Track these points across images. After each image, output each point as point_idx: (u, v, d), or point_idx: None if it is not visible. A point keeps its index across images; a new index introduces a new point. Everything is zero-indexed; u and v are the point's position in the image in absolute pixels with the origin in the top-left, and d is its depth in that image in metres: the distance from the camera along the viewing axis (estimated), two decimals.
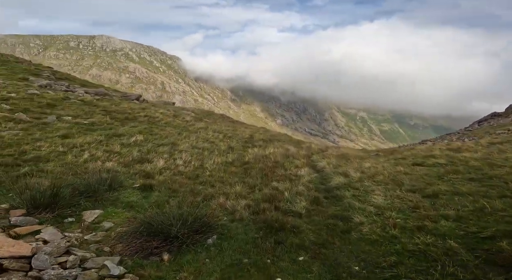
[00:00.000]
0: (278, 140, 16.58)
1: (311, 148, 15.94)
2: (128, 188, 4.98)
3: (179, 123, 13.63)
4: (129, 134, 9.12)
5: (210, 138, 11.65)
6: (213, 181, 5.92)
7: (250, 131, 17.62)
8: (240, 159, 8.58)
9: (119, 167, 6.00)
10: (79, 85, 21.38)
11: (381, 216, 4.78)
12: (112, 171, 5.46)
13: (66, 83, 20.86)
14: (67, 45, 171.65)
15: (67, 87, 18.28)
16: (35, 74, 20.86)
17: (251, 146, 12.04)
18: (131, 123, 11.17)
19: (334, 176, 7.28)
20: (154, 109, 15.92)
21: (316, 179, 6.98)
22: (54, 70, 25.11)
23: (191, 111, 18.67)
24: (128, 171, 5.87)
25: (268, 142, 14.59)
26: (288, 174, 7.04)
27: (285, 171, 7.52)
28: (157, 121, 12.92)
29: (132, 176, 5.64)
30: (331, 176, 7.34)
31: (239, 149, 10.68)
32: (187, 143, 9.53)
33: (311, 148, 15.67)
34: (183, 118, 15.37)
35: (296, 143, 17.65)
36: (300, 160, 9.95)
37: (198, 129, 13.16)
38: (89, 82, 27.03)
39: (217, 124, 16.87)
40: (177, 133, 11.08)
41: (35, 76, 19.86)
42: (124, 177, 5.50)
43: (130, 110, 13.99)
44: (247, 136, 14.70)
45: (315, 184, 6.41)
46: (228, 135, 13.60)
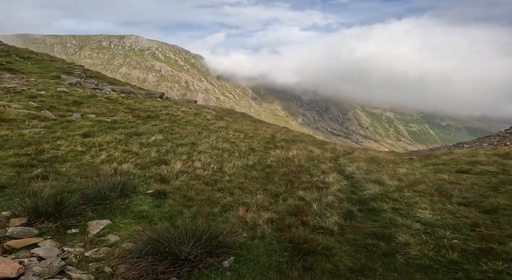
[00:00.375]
0: (301, 141, 15.85)
1: (336, 150, 15.03)
2: (141, 195, 4.60)
3: (200, 122, 13.35)
4: (150, 133, 8.90)
5: (231, 138, 11.21)
6: (233, 188, 5.41)
7: (271, 130, 17.02)
8: (261, 162, 8.03)
9: (135, 170, 5.67)
10: (107, 83, 21.97)
11: (432, 235, 4.00)
12: (126, 174, 5.13)
13: (96, 81, 21.52)
14: (99, 45, 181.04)
15: (96, 85, 18.77)
16: (68, 72, 21.72)
17: (273, 147, 11.45)
18: (152, 121, 11.01)
19: (367, 184, 6.50)
20: (176, 107, 15.82)
21: (347, 188, 6.24)
22: (85, 68, 26.09)
23: (212, 110, 18.43)
24: (143, 174, 5.53)
25: (291, 143, 13.92)
26: (314, 181, 6.37)
27: (310, 177, 6.85)
28: (178, 120, 12.72)
29: (147, 180, 5.27)
30: (363, 184, 6.56)
31: (260, 150, 10.13)
32: (206, 143, 9.13)
33: (336, 150, 14.78)
34: (204, 117, 15.11)
35: (319, 144, 16.81)
36: (326, 164, 9.20)
37: (219, 128, 12.79)
38: (116, 80, 27.84)
39: (238, 123, 16.45)
40: (198, 132, 10.76)
41: (67, 74, 20.67)
42: (138, 181, 5.15)
43: (153, 108, 13.94)
44: (268, 136, 14.13)
45: (346, 194, 5.69)
46: (249, 135, 13.11)
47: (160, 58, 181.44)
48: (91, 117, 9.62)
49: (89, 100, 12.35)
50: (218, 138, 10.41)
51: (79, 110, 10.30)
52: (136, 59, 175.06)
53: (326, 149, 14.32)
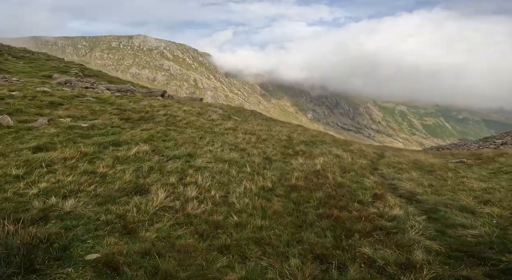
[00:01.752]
0: (321, 142, 13.47)
1: (364, 152, 12.57)
2: (73, 265, 2.41)
3: (203, 123, 11.15)
4: (134, 141, 6.73)
5: (240, 143, 8.95)
6: (245, 242, 3.16)
7: (287, 130, 14.69)
8: (283, 181, 5.73)
9: (88, 207, 3.50)
10: (107, 82, 20.13)
11: None
12: (66, 216, 2.96)
13: (93, 79, 19.70)
14: (109, 46, 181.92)
15: (91, 84, 16.90)
16: (63, 71, 19.99)
17: (292, 153, 9.13)
18: (144, 125, 8.88)
19: (455, 216, 4.10)
20: (178, 106, 13.69)
21: (429, 225, 3.87)
22: (84, 67, 24.39)
23: (218, 108, 16.23)
24: (97, 215, 3.34)
25: (311, 146, 11.56)
26: (372, 216, 4.03)
27: (361, 205, 4.51)
28: (177, 121, 10.56)
29: (99, 229, 3.09)
30: (448, 216, 4.18)
31: (278, 159, 7.82)
32: (209, 153, 6.90)
33: (365, 152, 12.33)
34: (208, 117, 12.91)
35: (342, 144, 14.37)
36: (368, 177, 6.82)
37: (225, 131, 10.55)
38: (119, 79, 26.03)
39: (248, 123, 14.18)
40: (199, 137, 8.54)
41: (62, 73, 18.91)
42: (82, 231, 2.98)
43: (149, 108, 11.84)
44: (284, 138, 11.82)
45: (438, 240, 3.35)
46: (262, 137, 10.83)
47: (169, 57, 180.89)
48: (63, 121, 7.55)
49: (72, 101, 10.34)
50: (224, 145, 8.16)
51: (52, 114, 8.26)
52: (145, 58, 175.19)
53: (354, 152, 11.88)
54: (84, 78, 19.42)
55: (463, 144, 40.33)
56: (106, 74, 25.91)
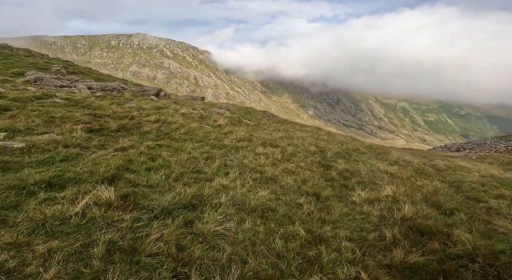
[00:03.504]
0: (356, 151, 10.61)
1: (413, 163, 9.70)
2: None
3: (208, 132, 8.24)
4: (94, 177, 3.84)
5: (264, 164, 6.05)
6: None
7: (309, 136, 11.78)
8: (370, 260, 2.88)
9: None
10: (93, 80, 17.21)
11: None
12: None
13: (77, 77, 16.77)
14: (108, 44, 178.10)
15: (71, 82, 13.99)
16: (43, 68, 17.04)
17: (337, 176, 6.23)
18: (123, 139, 5.97)
19: None
20: (174, 108, 10.77)
21: None
22: (71, 64, 21.43)
23: (224, 109, 13.29)
24: None
25: (351, 160, 8.66)
26: None
27: None
28: (172, 131, 7.65)
29: None
30: None
31: (329, 194, 4.91)
32: (223, 193, 4.00)
33: (415, 165, 9.46)
34: (214, 122, 10.00)
35: (380, 153, 11.49)
36: None
37: (239, 142, 7.66)
38: (111, 77, 23.05)
39: (263, 129, 11.26)
40: (204, 158, 5.64)
41: (40, 71, 15.98)
42: None
43: (137, 112, 8.94)
44: (313, 149, 8.92)
45: None
46: (287, 150, 7.94)
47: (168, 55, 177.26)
48: None
49: (27, 105, 7.42)
50: (244, 171, 5.26)
51: None
52: (145, 57, 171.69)
53: (404, 166, 8.99)
54: (66, 75, 16.49)
55: (483, 143, 37.17)
56: (97, 71, 22.93)
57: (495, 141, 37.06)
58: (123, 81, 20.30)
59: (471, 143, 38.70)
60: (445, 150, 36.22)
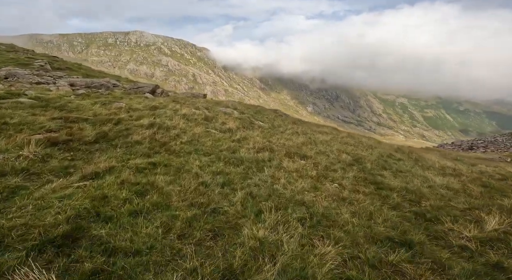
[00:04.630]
0: (391, 157, 8.82)
1: (462, 172, 7.92)
2: None
3: (217, 139, 6.35)
4: None
5: (301, 189, 4.18)
6: None
7: (332, 140, 9.92)
8: None
9: None
10: (82, 76, 15.21)
11: None
12: None
13: (62, 73, 14.77)
14: (105, 42, 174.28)
15: (53, 78, 12.02)
16: (24, 64, 15.00)
17: (401, 200, 4.37)
18: (97, 157, 4.08)
19: None
20: (173, 108, 8.84)
21: None
22: (56, 59, 19.36)
23: (232, 108, 11.36)
24: None
25: (394, 170, 6.86)
26: None
27: None
28: (172, 139, 5.74)
29: None
30: None
31: (419, 241, 3.08)
32: (264, 263, 2.19)
33: (471, 175, 7.68)
34: (222, 124, 8.09)
35: (418, 159, 9.71)
36: None
37: (259, 154, 5.77)
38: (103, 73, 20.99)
39: (281, 132, 9.37)
40: (218, 184, 3.76)
41: (19, 66, 13.97)
42: None
43: (126, 114, 7.02)
44: (347, 159, 7.09)
45: None
46: (321, 163, 6.09)
47: (166, 52, 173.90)
48: None
49: None
50: (282, 207, 3.40)
51: None
52: (142, 54, 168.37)
53: (484, 183, 7.18)
54: (51, 72, 14.48)
55: (494, 140, 35.25)
56: (87, 67, 20.85)
57: (507, 139, 35.12)
58: (116, 77, 18.29)
59: (481, 141, 36.69)
60: (455, 148, 34.21)
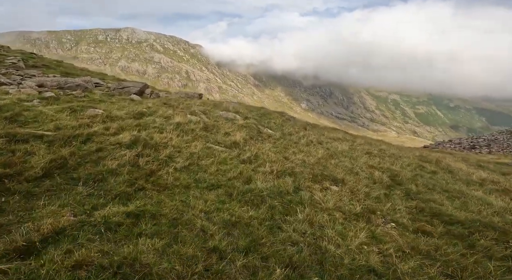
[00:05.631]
0: (424, 170, 7.43)
1: None
2: None
3: (223, 161, 4.72)
4: None
5: (359, 246, 2.64)
6: None
7: (352, 149, 8.42)
8: None
9: None
10: (59, 74, 13.32)
11: None
12: None
13: (37, 71, 12.85)
14: (96, 39, 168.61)
15: (21, 78, 10.15)
16: None
17: (482, 248, 2.92)
18: (37, 210, 2.41)
19: None
20: (165, 114, 7.15)
21: None
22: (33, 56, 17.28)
23: (233, 112, 9.70)
24: None
25: (444, 192, 5.41)
26: None
27: None
28: (162, 164, 4.09)
29: None
30: None
31: None
32: None
33: None
34: (225, 135, 6.45)
35: (449, 168, 8.37)
36: None
37: (279, 180, 4.19)
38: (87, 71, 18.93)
39: (293, 142, 7.76)
40: (241, 256, 2.20)
41: None
42: None
43: (101, 125, 5.32)
44: (382, 178, 5.56)
45: None
46: (358, 190, 4.53)
47: (159, 49, 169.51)
48: None
49: None
50: None
51: None
52: (134, 51, 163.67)
53: None
54: (23, 70, 12.52)
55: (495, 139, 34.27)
56: (69, 64, 18.78)
57: (508, 137, 34.08)
58: (101, 75, 16.35)
59: (482, 139, 35.58)
60: (456, 146, 32.99)
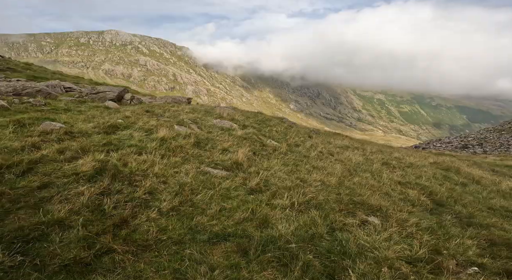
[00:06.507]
0: (452, 182, 6.30)
1: None
2: None
3: (224, 192, 3.31)
4: None
5: None
6: None
7: (368, 161, 7.20)
8: None
9: None
10: (25, 78, 11.49)
11: None
12: None
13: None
14: (77, 42, 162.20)
15: None
16: None
17: None
18: None
19: None
20: (146, 125, 5.66)
21: None
22: (2, 59, 15.24)
23: (228, 119, 8.30)
24: None
25: (491, 211, 4.19)
26: None
27: None
28: (137, 208, 2.66)
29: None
30: None
31: None
32: None
33: None
34: (222, 153, 5.04)
35: (481, 181, 7.29)
36: None
37: (301, 214, 2.86)
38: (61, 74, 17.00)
39: (304, 156, 6.43)
40: None
41: None
42: None
43: (56, 146, 3.82)
44: (419, 198, 4.32)
45: None
46: (401, 217, 3.29)
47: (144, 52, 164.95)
48: None
49: None
50: None
51: None
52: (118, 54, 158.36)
53: None
54: None
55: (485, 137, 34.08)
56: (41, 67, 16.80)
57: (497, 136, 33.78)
58: (76, 79, 14.51)
59: (471, 137, 35.28)
60: (447, 146, 32.46)
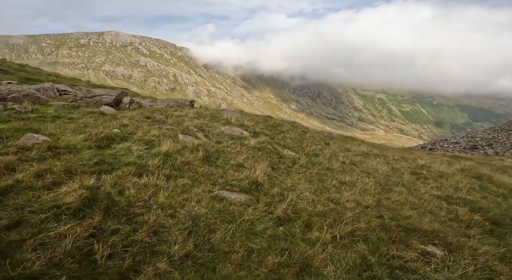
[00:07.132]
0: (493, 194, 5.38)
1: None
2: None
3: (247, 226, 2.52)
4: None
5: None
6: None
7: (395, 171, 6.36)
8: None
9: None
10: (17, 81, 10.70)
11: None
12: None
13: None
14: (78, 43, 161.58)
15: None
16: None
17: None
18: None
19: None
20: (146, 136, 4.86)
21: None
22: None
23: (237, 125, 7.50)
24: None
25: None
26: None
27: None
28: (140, 265, 1.88)
29: None
30: None
31: None
32: None
33: None
34: (237, 169, 4.23)
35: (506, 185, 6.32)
36: None
37: (345, 252, 2.07)
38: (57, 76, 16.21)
39: (327, 169, 5.59)
40: None
41: None
42: None
43: (35, 166, 3.01)
44: (476, 220, 3.49)
45: None
46: (465, 250, 2.37)
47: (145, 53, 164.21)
48: None
49: None
50: None
51: None
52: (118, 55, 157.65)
53: None
54: None
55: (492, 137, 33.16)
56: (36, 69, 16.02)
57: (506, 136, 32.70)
58: (72, 81, 13.72)
59: (479, 138, 34.22)
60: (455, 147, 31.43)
